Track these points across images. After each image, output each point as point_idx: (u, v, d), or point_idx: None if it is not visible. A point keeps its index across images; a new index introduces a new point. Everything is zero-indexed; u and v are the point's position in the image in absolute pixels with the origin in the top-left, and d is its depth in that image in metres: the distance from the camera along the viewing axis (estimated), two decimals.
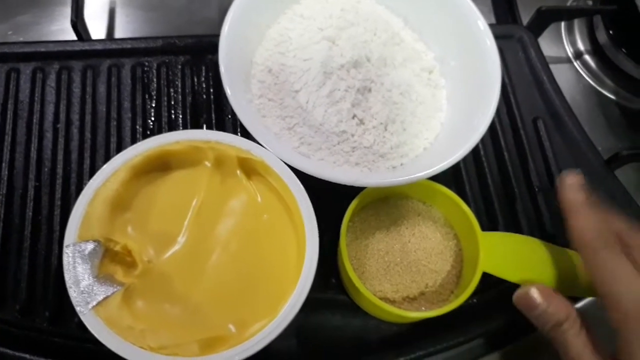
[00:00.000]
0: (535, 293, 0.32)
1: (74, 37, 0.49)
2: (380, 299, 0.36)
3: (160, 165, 0.36)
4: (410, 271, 0.39)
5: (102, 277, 0.32)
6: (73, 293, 0.31)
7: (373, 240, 0.40)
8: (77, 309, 0.30)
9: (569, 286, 0.35)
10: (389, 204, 0.41)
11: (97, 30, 0.54)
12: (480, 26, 0.41)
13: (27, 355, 0.36)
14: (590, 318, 0.31)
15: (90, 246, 0.32)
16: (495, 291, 0.41)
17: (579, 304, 0.40)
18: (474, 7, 0.42)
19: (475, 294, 0.36)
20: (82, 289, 0.31)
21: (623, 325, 0.28)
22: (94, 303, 0.30)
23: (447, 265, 0.39)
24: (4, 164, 0.43)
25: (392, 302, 0.38)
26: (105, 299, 0.31)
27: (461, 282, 0.38)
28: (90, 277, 0.31)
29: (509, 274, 0.36)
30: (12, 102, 0.45)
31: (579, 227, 0.32)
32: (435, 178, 0.37)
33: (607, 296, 0.29)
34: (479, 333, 0.40)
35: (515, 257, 0.37)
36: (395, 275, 0.38)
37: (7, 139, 0.44)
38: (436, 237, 0.40)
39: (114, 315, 0.30)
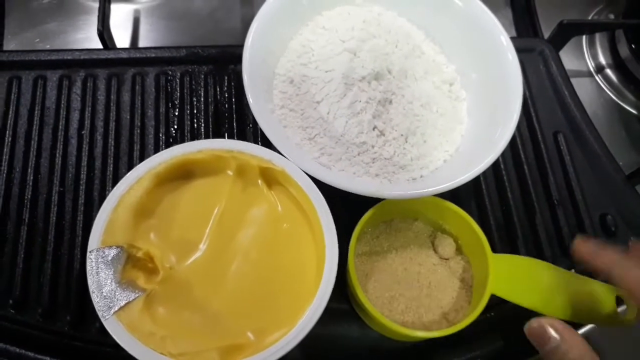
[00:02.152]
0: (551, 329, 0.30)
1: (100, 46, 0.50)
2: (387, 317, 0.36)
3: (183, 174, 0.36)
4: (419, 293, 0.38)
5: (124, 282, 0.32)
6: (96, 298, 0.31)
7: (382, 259, 0.39)
8: (100, 313, 0.31)
9: (574, 312, 0.35)
10: (399, 224, 0.41)
11: (121, 39, 0.55)
12: (503, 41, 0.41)
13: (48, 358, 0.37)
14: (591, 345, 0.31)
15: (113, 252, 0.32)
16: (506, 307, 0.41)
17: (582, 330, 0.40)
18: (496, 22, 0.42)
19: (489, 308, 0.36)
20: (104, 294, 0.31)
21: None
22: (116, 308, 0.31)
23: (456, 287, 0.39)
24: (29, 169, 0.43)
25: (399, 321, 0.37)
26: (127, 304, 0.31)
27: (471, 301, 0.38)
28: (113, 283, 0.32)
29: (517, 298, 0.36)
30: (38, 109, 0.46)
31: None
32: (455, 191, 0.37)
33: None
34: (489, 349, 0.40)
35: (525, 281, 0.36)
36: (403, 296, 0.38)
37: (34, 144, 0.44)
38: (444, 259, 0.40)
39: (135, 321, 0.31)
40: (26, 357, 0.37)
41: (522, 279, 0.36)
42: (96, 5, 0.51)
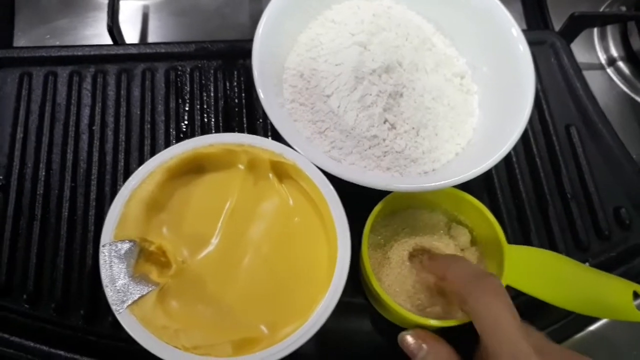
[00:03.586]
0: (419, 339, 0.33)
1: (109, 42, 0.50)
2: (399, 305, 0.36)
3: (194, 168, 0.36)
4: (430, 283, 0.38)
5: (137, 276, 0.32)
6: (109, 292, 0.31)
7: (394, 250, 0.39)
8: (113, 307, 0.31)
9: (589, 306, 0.35)
10: (414, 213, 0.41)
11: (131, 34, 0.55)
12: (514, 33, 0.41)
13: (62, 352, 0.37)
14: (607, 340, 0.31)
15: (126, 246, 0.32)
16: (519, 300, 0.40)
17: (596, 325, 0.40)
18: (507, 14, 0.41)
19: None
20: (118, 288, 0.31)
21: None
22: (130, 302, 0.31)
23: None
24: (41, 165, 0.44)
25: (412, 309, 0.37)
26: (140, 298, 0.31)
27: None
28: (126, 277, 0.32)
29: (532, 289, 0.35)
30: (49, 105, 0.46)
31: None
32: (467, 184, 0.37)
33: None
34: None
35: (540, 273, 0.36)
36: (416, 285, 0.38)
37: (45, 140, 0.45)
38: (459, 249, 0.40)
39: (148, 315, 0.31)
40: (41, 351, 0.37)
41: (537, 270, 0.36)
42: (105, 1, 0.52)
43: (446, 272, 0.34)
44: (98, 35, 0.55)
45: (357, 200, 0.36)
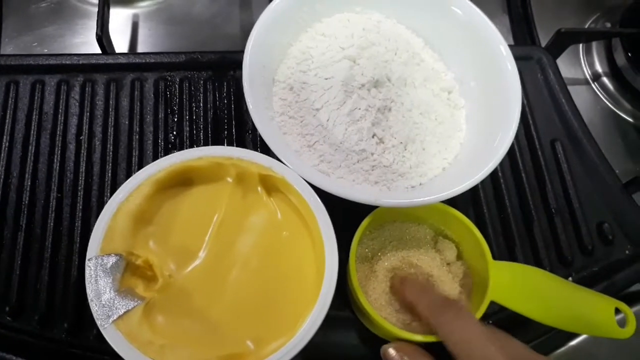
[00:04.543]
0: (400, 352, 0.34)
1: (98, 50, 0.50)
2: (385, 319, 0.36)
3: (183, 181, 0.36)
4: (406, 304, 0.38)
5: (123, 291, 0.32)
6: (94, 307, 0.31)
7: (381, 263, 0.40)
8: (98, 322, 0.30)
9: (572, 322, 0.35)
10: (401, 227, 0.41)
11: (120, 43, 0.55)
12: (503, 51, 0.41)
13: None
14: (588, 354, 0.31)
15: (112, 259, 0.32)
16: (504, 314, 0.41)
17: (577, 340, 0.41)
18: (496, 31, 0.42)
19: (487, 316, 0.36)
20: (103, 302, 0.31)
21: None
22: (115, 317, 0.31)
23: (456, 292, 0.39)
24: (27, 175, 0.43)
25: (398, 324, 0.37)
26: (126, 313, 0.31)
27: (471, 307, 0.38)
28: (112, 291, 0.31)
29: (516, 305, 0.36)
30: (36, 114, 0.46)
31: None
32: (453, 199, 0.37)
33: None
34: None
35: (524, 289, 0.36)
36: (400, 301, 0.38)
37: (31, 149, 0.44)
38: (445, 264, 0.40)
39: (134, 330, 0.31)
40: None
41: (521, 286, 0.36)
42: (95, 9, 0.51)
43: (416, 303, 0.35)
44: (87, 43, 0.55)
45: (345, 213, 0.36)
